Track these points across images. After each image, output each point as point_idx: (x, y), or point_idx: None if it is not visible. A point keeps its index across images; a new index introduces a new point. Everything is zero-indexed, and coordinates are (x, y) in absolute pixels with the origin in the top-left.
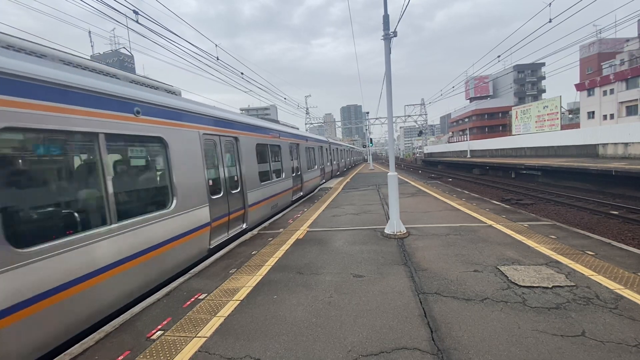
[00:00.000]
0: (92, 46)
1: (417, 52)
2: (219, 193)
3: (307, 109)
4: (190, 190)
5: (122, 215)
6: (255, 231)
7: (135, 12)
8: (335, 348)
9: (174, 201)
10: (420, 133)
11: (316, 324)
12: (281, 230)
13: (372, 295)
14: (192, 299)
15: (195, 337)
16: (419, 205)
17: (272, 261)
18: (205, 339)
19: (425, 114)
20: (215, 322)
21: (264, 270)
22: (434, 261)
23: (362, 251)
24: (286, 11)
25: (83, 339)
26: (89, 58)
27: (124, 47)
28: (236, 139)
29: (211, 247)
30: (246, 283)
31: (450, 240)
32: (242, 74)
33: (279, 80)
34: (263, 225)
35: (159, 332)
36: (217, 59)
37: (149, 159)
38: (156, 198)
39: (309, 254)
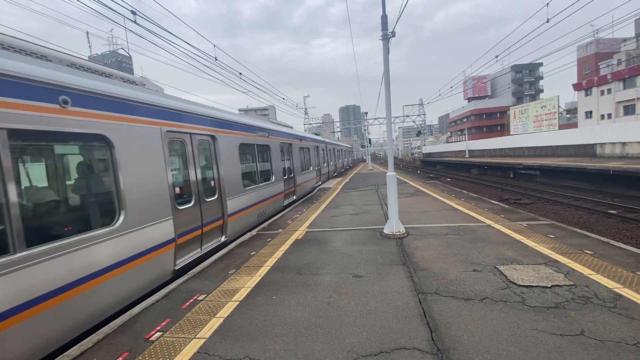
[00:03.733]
0: (89, 47)
1: (416, 52)
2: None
3: (306, 109)
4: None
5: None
6: (254, 232)
7: (133, 13)
8: (334, 348)
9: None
10: (419, 133)
11: (315, 325)
12: (280, 230)
13: (372, 295)
14: (191, 300)
15: (194, 338)
16: (418, 205)
17: (271, 262)
18: (205, 340)
19: (424, 114)
20: (214, 323)
21: (263, 270)
22: (433, 261)
23: (361, 251)
24: (286, 11)
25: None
26: (87, 58)
27: (122, 48)
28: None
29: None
30: (245, 284)
31: (449, 240)
32: (240, 74)
33: (278, 80)
34: (262, 226)
35: (158, 333)
36: (216, 60)
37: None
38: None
39: (308, 254)
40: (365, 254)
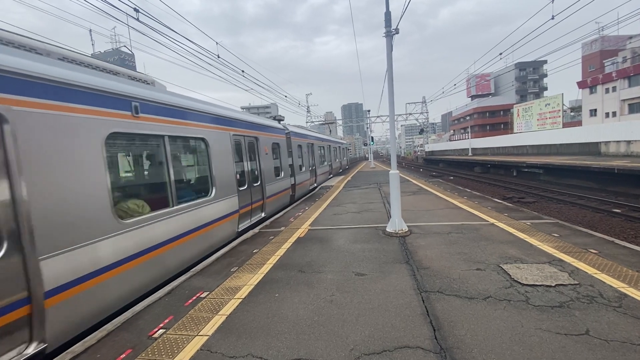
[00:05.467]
0: (92, 45)
1: (420, 50)
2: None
3: (308, 107)
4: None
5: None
6: (256, 229)
7: (136, 10)
8: (337, 347)
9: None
10: (422, 131)
11: (318, 323)
12: (282, 228)
13: (374, 293)
14: (194, 297)
15: (197, 335)
16: (421, 203)
17: (273, 259)
18: (207, 337)
19: (427, 112)
20: (217, 321)
21: (265, 268)
22: (436, 259)
23: (364, 249)
24: (289, 9)
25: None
26: (90, 55)
27: (124, 46)
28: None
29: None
30: (248, 281)
31: (452, 239)
32: (242, 71)
33: (280, 78)
34: (264, 224)
35: (161, 331)
36: (218, 57)
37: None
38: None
39: (310, 252)
40: (367, 252)
